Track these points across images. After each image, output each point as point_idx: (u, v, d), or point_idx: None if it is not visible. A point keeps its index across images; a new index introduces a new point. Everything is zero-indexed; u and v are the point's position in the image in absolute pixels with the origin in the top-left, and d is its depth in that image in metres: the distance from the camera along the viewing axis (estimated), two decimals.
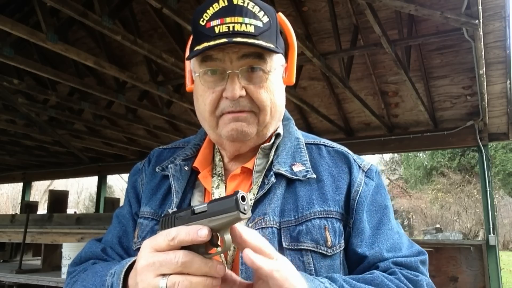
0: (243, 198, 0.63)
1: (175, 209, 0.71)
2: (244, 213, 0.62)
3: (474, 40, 3.56)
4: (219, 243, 0.68)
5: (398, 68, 4.42)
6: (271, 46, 0.81)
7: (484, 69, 4.04)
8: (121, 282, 0.72)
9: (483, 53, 3.80)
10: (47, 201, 8.62)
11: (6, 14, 3.54)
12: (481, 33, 3.40)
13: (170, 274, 0.63)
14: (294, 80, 0.93)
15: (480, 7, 3.06)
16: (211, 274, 0.64)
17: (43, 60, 5.21)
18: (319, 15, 4.82)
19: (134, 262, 0.72)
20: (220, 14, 0.81)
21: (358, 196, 0.88)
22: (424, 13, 3.30)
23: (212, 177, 0.91)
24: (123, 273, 0.73)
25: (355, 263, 0.86)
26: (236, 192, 0.63)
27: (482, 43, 3.61)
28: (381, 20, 3.84)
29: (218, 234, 0.66)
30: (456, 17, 3.19)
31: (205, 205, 0.65)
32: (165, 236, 0.65)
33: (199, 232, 0.62)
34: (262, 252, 0.65)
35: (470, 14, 3.14)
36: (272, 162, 0.89)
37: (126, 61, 5.82)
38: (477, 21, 3.15)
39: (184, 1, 4.63)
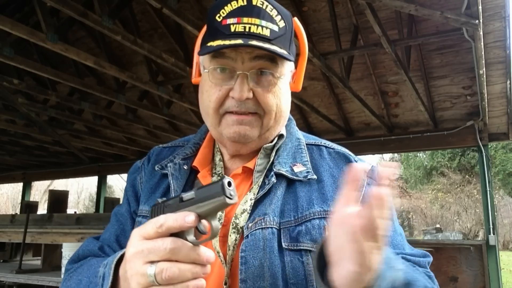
0: (229, 184, 0.63)
1: (164, 198, 0.72)
2: (231, 198, 0.63)
3: (474, 40, 3.56)
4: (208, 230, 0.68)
5: (398, 68, 4.42)
6: (285, 52, 0.81)
7: (484, 69, 4.04)
8: (112, 272, 0.72)
9: (483, 53, 3.80)
10: (47, 201, 8.63)
11: (6, 14, 3.54)
12: (481, 33, 3.40)
13: (159, 261, 0.63)
14: (300, 87, 0.93)
15: (480, 7, 3.06)
16: (199, 262, 0.64)
17: (43, 60, 5.21)
18: (319, 15, 4.82)
19: None
20: (238, 13, 0.80)
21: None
22: (424, 13, 3.30)
23: (212, 176, 0.91)
24: (114, 263, 0.73)
25: None
26: (222, 177, 0.64)
27: (482, 43, 3.61)
28: (381, 20, 3.84)
29: (206, 220, 0.66)
30: (456, 17, 3.19)
31: (193, 192, 0.66)
32: (153, 224, 0.64)
33: (186, 218, 0.62)
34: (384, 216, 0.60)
35: (470, 14, 3.15)
36: (273, 162, 0.88)
37: (126, 61, 5.82)
38: (477, 21, 3.15)
39: (184, 1, 4.63)
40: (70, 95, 5.91)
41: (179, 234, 0.64)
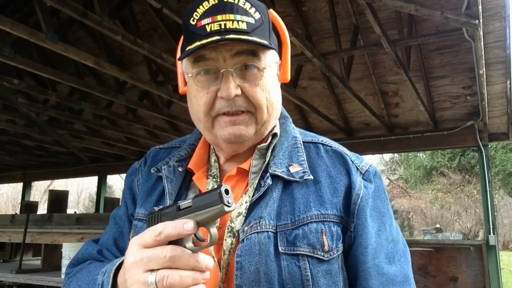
0: (226, 191, 0.64)
1: (161, 207, 0.72)
2: (229, 206, 0.63)
3: (474, 40, 3.56)
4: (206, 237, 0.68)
5: (398, 68, 4.41)
6: (265, 42, 0.80)
7: (484, 69, 4.04)
8: (111, 280, 0.72)
9: (483, 53, 3.80)
10: (47, 201, 8.61)
11: (6, 14, 3.54)
12: (481, 33, 3.40)
13: (159, 269, 0.63)
14: (289, 77, 0.92)
15: (480, 7, 3.06)
16: (199, 268, 0.64)
17: (43, 60, 5.21)
18: (319, 15, 4.82)
19: None
20: (211, 12, 0.79)
21: (359, 200, 0.85)
22: (424, 13, 3.30)
23: (207, 178, 0.89)
24: (113, 271, 0.73)
25: (355, 268, 0.83)
26: (219, 186, 0.64)
27: (482, 43, 3.61)
28: (381, 20, 3.84)
29: (205, 228, 0.67)
30: (456, 17, 3.19)
31: (190, 200, 0.66)
32: (151, 232, 0.65)
33: (184, 225, 0.63)
34: None
35: (470, 14, 3.14)
36: (268, 163, 0.86)
37: (126, 61, 5.82)
38: (477, 21, 3.15)
39: (184, 1, 4.63)
40: (70, 95, 5.91)
41: (177, 241, 0.65)
